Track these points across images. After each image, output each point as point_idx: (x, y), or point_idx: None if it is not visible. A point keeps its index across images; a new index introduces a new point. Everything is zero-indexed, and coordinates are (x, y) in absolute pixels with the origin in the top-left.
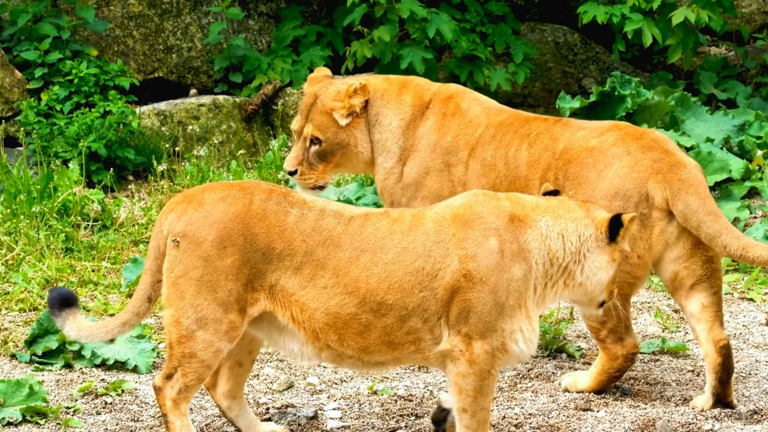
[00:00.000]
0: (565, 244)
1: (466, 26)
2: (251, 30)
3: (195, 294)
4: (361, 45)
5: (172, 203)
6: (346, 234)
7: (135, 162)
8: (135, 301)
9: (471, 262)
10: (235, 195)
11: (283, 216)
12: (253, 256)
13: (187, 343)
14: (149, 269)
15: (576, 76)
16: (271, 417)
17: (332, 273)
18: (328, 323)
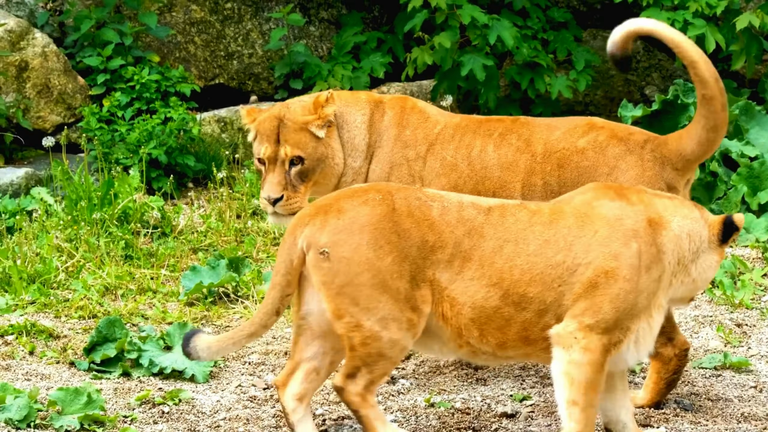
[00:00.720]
0: (690, 244)
1: (527, 33)
2: (312, 36)
3: (368, 297)
4: (421, 51)
5: (305, 217)
6: (488, 224)
7: (195, 169)
8: (262, 314)
9: (613, 261)
10: (374, 197)
11: (427, 210)
12: (410, 252)
13: (372, 344)
14: (278, 284)
15: (638, 83)
16: (327, 429)
17: (478, 264)
18: (473, 318)
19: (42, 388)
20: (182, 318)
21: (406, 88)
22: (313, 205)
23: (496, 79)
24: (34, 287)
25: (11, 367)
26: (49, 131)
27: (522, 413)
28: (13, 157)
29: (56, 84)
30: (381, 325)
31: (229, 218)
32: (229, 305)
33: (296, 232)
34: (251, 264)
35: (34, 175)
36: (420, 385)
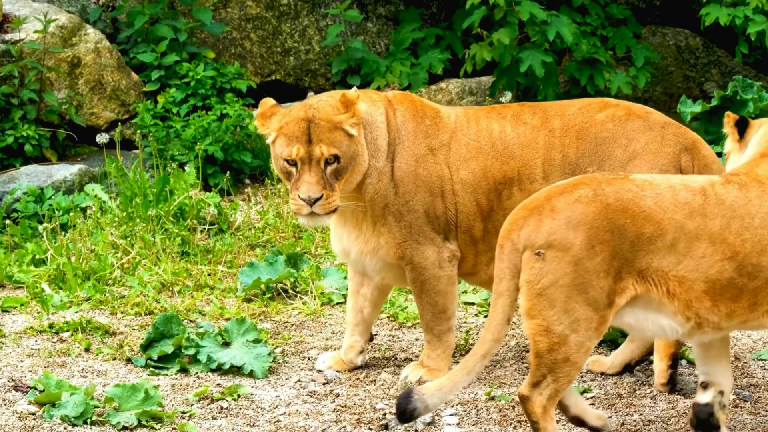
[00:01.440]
0: None
1: (586, 29)
2: (369, 32)
3: (566, 299)
4: (480, 48)
5: (518, 219)
6: (707, 204)
7: (251, 165)
8: (494, 327)
9: None
10: (587, 194)
11: (641, 201)
12: (621, 248)
13: (560, 349)
14: (506, 290)
15: (697, 80)
16: (387, 423)
17: (708, 242)
18: (705, 290)
19: (98, 385)
20: (240, 314)
21: (465, 85)
22: (523, 207)
23: (555, 75)
24: (89, 284)
25: (67, 364)
26: (102, 128)
27: None
28: (66, 153)
29: (109, 80)
30: (571, 329)
31: (287, 214)
32: (288, 301)
33: (512, 236)
34: (309, 260)
35: (88, 171)
36: (480, 378)
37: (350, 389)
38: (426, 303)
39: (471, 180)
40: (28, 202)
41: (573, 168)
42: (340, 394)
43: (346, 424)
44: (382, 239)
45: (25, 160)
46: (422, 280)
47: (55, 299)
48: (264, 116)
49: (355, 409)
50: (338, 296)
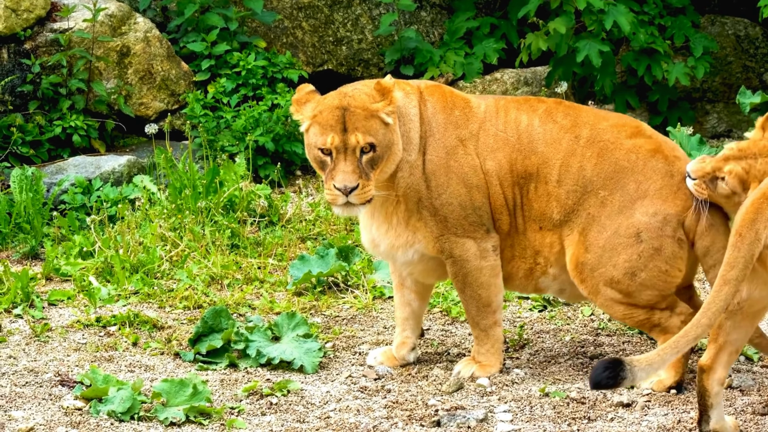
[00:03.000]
0: None
1: (644, 18)
2: (423, 21)
3: None
4: (536, 37)
5: (761, 210)
6: None
7: (302, 156)
8: (711, 313)
9: None
10: None
11: None
12: None
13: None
14: (734, 279)
15: (757, 70)
16: (440, 419)
17: None
18: None
19: (146, 380)
20: (290, 308)
21: (521, 75)
22: (764, 196)
23: (612, 65)
24: (137, 277)
25: (114, 359)
26: (151, 118)
27: (639, 402)
28: (115, 144)
29: (159, 70)
30: None
31: None
32: (339, 295)
33: (758, 226)
34: (361, 253)
35: (137, 162)
36: (534, 374)
37: (402, 385)
38: (469, 297)
39: (497, 171)
40: (75, 194)
41: (585, 182)
42: (392, 390)
43: (397, 420)
44: (419, 234)
45: (73, 150)
46: (464, 273)
47: (102, 292)
48: (299, 102)
49: (407, 405)
50: (390, 290)
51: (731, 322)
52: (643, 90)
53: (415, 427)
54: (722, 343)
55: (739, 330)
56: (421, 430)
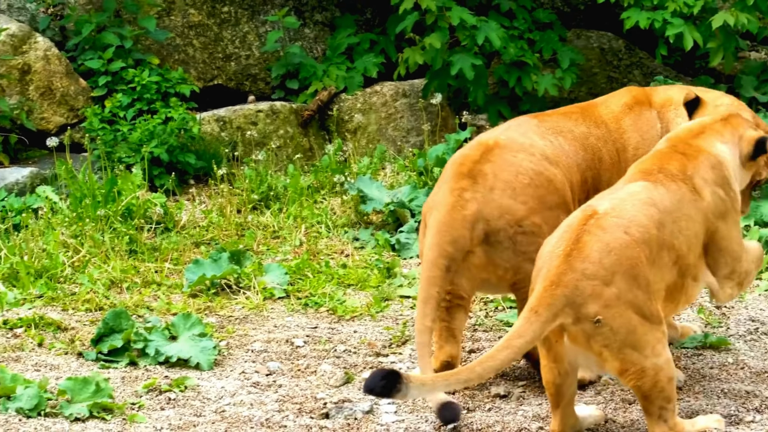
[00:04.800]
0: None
1: (514, 33)
2: (307, 38)
3: (641, 336)
4: (413, 52)
5: (556, 296)
6: (657, 212)
7: (196, 166)
8: None
9: (714, 217)
10: (600, 247)
11: (631, 229)
12: (643, 272)
13: (659, 377)
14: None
15: (621, 80)
16: (328, 412)
17: (666, 249)
18: (664, 297)
19: (51, 378)
20: (186, 309)
21: (399, 87)
22: (554, 283)
23: (484, 77)
24: (42, 282)
25: (21, 359)
26: (52, 132)
27: (514, 393)
28: (18, 157)
29: (58, 86)
30: (655, 355)
31: (230, 213)
32: (232, 296)
33: (555, 310)
34: (252, 256)
35: (39, 174)
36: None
37: (292, 380)
38: None
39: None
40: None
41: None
42: (283, 384)
43: (288, 413)
44: None
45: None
46: None
47: (9, 297)
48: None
49: (297, 399)
50: (279, 291)
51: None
52: (514, 100)
53: (305, 420)
54: (563, 407)
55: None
56: (311, 422)
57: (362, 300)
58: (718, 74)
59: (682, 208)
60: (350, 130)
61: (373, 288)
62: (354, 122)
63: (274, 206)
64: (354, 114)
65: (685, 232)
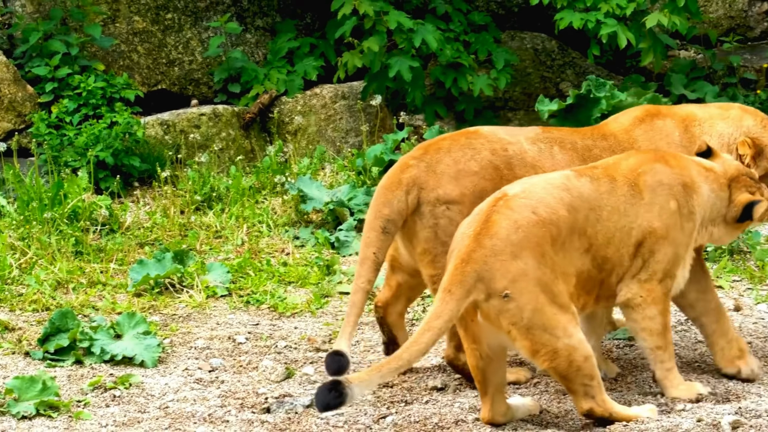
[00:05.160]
0: (711, 213)
1: (450, 35)
2: (248, 43)
3: (551, 316)
4: (351, 55)
5: (471, 272)
6: (573, 197)
7: (140, 169)
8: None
9: (657, 221)
10: (508, 224)
11: (538, 209)
12: (549, 252)
13: (573, 357)
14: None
15: (554, 80)
16: (270, 406)
17: (577, 235)
18: (575, 285)
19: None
20: (131, 308)
21: (338, 90)
22: (464, 261)
23: (421, 79)
24: None
25: None
26: (0, 137)
27: (451, 386)
28: None
29: (6, 93)
30: (566, 336)
31: (173, 214)
32: (175, 295)
33: (467, 286)
34: (195, 256)
35: None
36: (354, 362)
37: (234, 376)
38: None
39: None
40: None
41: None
42: (225, 380)
43: (230, 408)
44: None
45: None
46: None
47: None
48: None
49: (239, 394)
50: (222, 289)
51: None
52: (450, 101)
53: (247, 414)
54: (491, 394)
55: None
56: (253, 416)
57: (303, 297)
58: (649, 73)
59: (608, 199)
60: (291, 132)
61: (313, 285)
62: (294, 124)
63: (216, 207)
64: (294, 116)
65: (605, 223)
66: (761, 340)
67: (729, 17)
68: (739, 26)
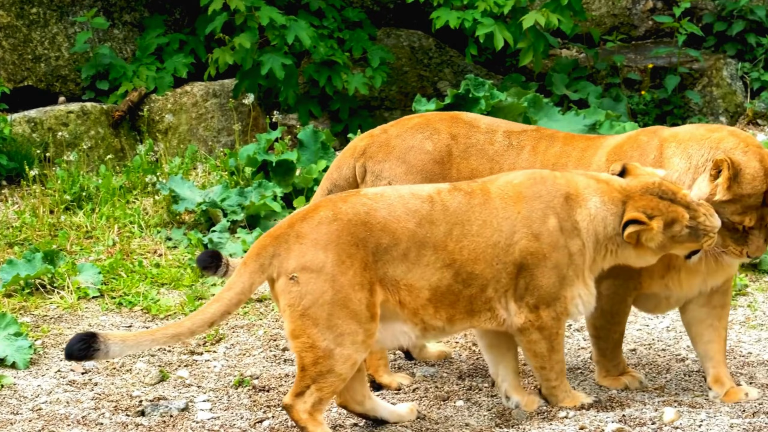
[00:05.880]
0: (605, 229)
1: (324, 32)
2: (116, 39)
3: (329, 316)
4: (222, 52)
5: (267, 247)
6: (434, 211)
7: (8, 167)
8: (196, 322)
9: (535, 241)
10: (327, 215)
11: (376, 212)
12: (368, 259)
13: (324, 362)
14: (227, 300)
15: (431, 79)
16: (144, 409)
17: (432, 250)
18: (429, 298)
19: None
20: (1, 308)
21: (209, 87)
22: (269, 235)
23: (294, 77)
24: None
25: None
26: None
27: None
28: None
29: None
30: (336, 343)
31: (43, 213)
32: (46, 295)
33: (262, 261)
34: (65, 256)
35: None
36: (230, 366)
37: (108, 378)
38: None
39: None
40: None
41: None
42: (99, 383)
43: (104, 410)
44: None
45: None
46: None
47: None
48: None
49: (113, 396)
50: (93, 290)
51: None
52: (325, 100)
53: (122, 417)
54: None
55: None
56: (127, 419)
57: (176, 299)
58: (530, 72)
59: (480, 213)
60: (161, 131)
61: (186, 287)
62: (165, 122)
63: (86, 206)
64: (165, 114)
65: (473, 238)
66: (645, 347)
67: (612, 15)
68: (622, 24)
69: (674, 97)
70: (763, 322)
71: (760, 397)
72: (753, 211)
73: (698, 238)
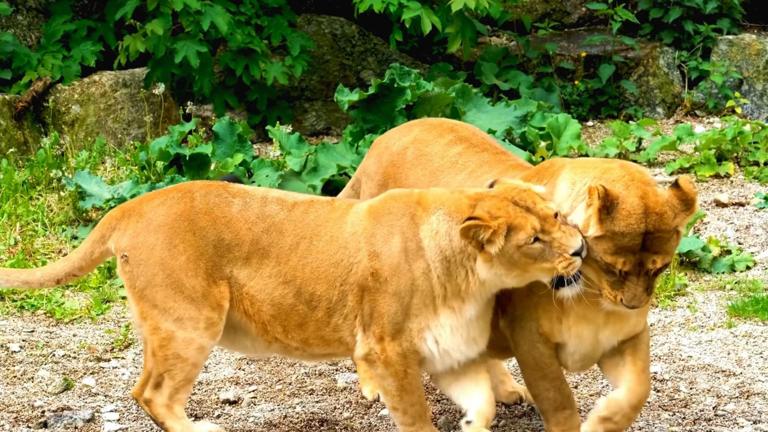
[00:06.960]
0: (451, 243)
1: (241, 19)
2: (20, 25)
3: (164, 298)
4: (133, 39)
5: (113, 219)
6: (288, 220)
7: None
8: (45, 274)
9: (376, 261)
10: (174, 197)
11: (227, 207)
12: (207, 250)
13: (169, 345)
14: (73, 260)
15: (354, 68)
16: (47, 420)
17: (275, 261)
18: (273, 315)
19: None
20: None
21: (119, 77)
22: (120, 208)
23: (210, 66)
24: None
25: None
26: None
27: (245, 399)
28: None
29: None
30: (177, 326)
31: None
32: None
33: (105, 231)
34: None
35: None
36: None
37: (8, 387)
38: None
39: None
40: None
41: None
42: None
43: (4, 422)
44: None
45: None
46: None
47: None
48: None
49: (14, 407)
50: None
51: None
52: (242, 90)
53: (23, 429)
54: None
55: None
56: (29, 431)
57: (82, 302)
58: (458, 61)
59: (329, 228)
60: (67, 123)
61: (93, 289)
62: (71, 114)
63: None
64: (71, 105)
65: (317, 255)
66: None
67: (544, 1)
68: (555, 11)
69: (609, 87)
70: (704, 324)
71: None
72: (629, 254)
73: (552, 256)
